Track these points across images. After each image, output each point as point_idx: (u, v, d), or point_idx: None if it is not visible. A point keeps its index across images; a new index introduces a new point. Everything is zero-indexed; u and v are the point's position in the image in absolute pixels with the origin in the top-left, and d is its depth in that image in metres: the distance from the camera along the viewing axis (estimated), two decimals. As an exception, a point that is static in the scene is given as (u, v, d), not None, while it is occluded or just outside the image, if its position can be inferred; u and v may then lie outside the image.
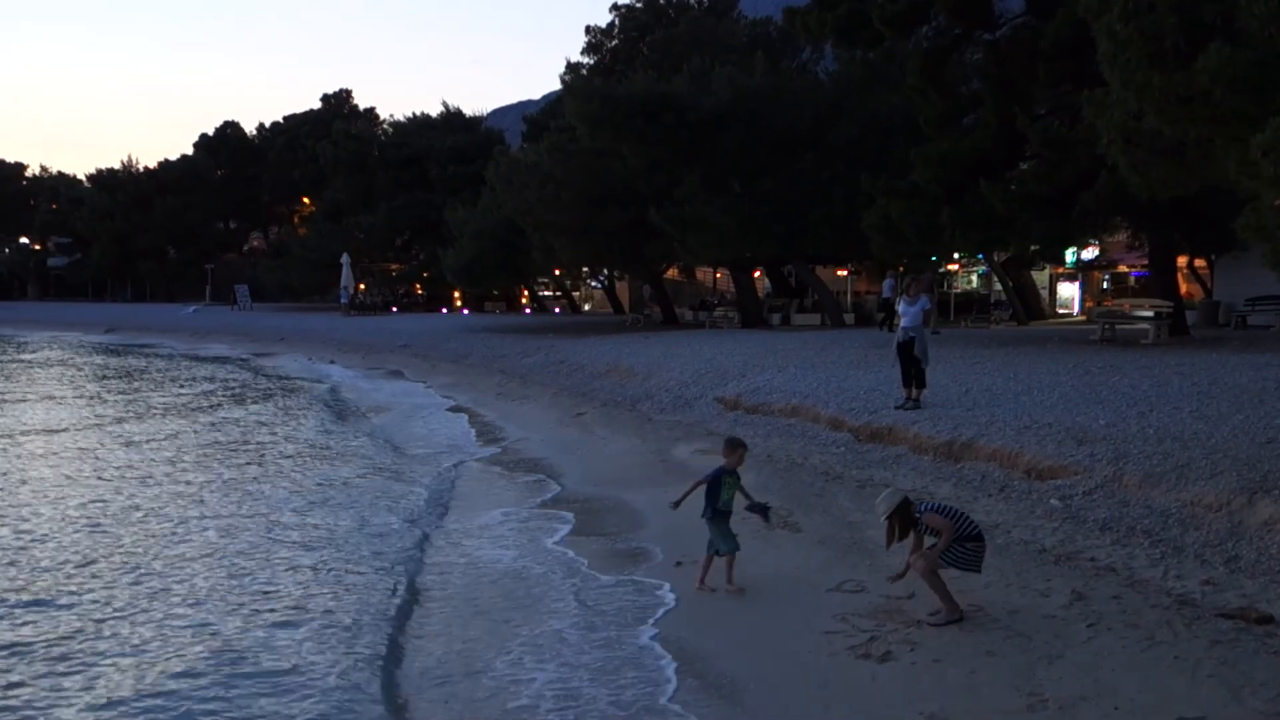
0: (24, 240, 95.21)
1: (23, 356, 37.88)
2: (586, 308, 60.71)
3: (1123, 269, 40.82)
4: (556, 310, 58.14)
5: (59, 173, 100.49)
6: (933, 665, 6.54)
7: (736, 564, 8.38)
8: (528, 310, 58.82)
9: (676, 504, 8.52)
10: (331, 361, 34.64)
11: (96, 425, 19.18)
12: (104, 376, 30.15)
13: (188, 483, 13.43)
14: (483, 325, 42.42)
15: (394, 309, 60.21)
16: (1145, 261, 31.79)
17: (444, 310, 59.09)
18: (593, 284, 57.04)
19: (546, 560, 9.65)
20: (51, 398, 23.95)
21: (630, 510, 11.56)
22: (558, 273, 50.12)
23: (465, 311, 57.78)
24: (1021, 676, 6.29)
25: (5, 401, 22.90)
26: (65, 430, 18.52)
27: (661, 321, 41.15)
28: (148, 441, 17.11)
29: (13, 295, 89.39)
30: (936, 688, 6.25)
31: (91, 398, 24.12)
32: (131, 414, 20.96)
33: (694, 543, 9.84)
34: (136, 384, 27.64)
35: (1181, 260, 30.53)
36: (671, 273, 48.51)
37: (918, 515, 7.24)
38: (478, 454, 15.93)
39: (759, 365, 20.58)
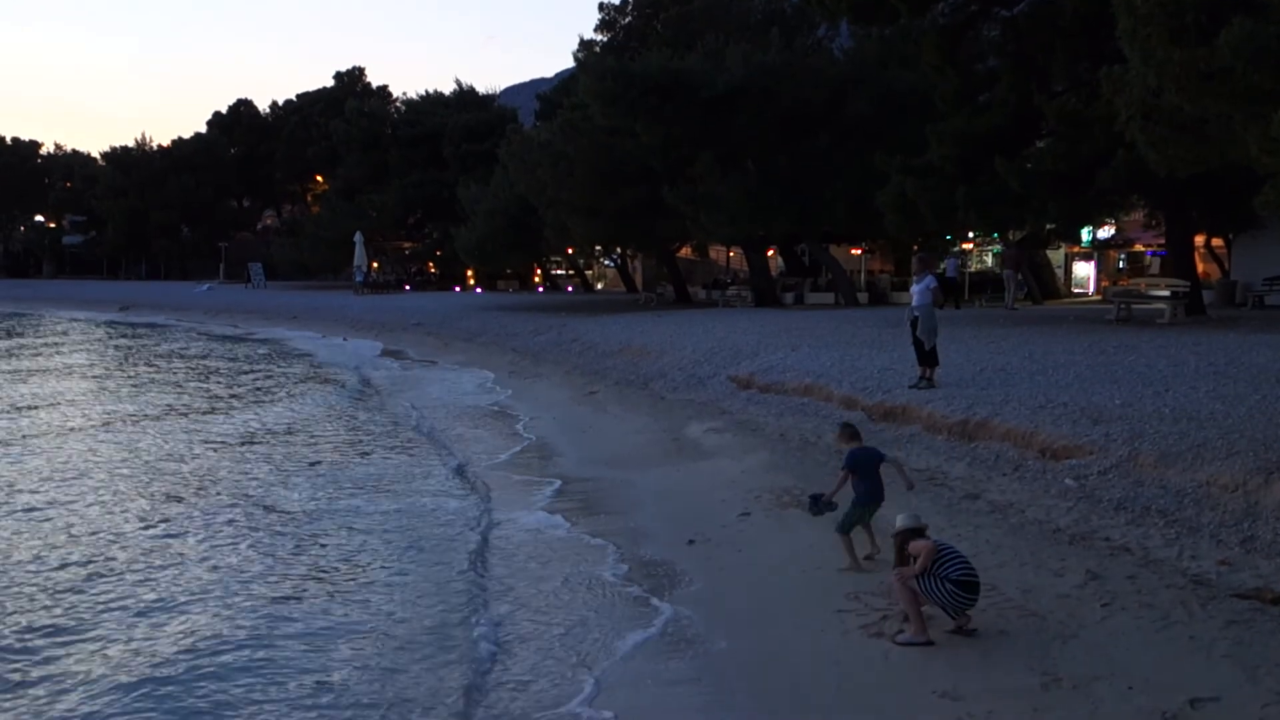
0: (39, 218, 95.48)
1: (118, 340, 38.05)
2: (599, 286, 60.57)
3: (1139, 248, 40.49)
4: (569, 289, 58.01)
5: (73, 150, 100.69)
6: (946, 643, 6.52)
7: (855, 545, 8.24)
8: (540, 289, 58.75)
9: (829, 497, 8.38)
10: (345, 339, 34.79)
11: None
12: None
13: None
14: (495, 304, 42.42)
15: (407, 287, 60.22)
16: (1162, 241, 31.54)
17: (457, 289, 59.05)
18: (606, 262, 56.90)
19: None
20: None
21: (639, 488, 11.57)
22: (570, 251, 49.99)
23: (478, 290, 57.73)
24: (1035, 655, 6.27)
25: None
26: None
27: (674, 300, 41.06)
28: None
29: (29, 273, 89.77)
30: (950, 666, 6.23)
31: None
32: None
33: (703, 521, 9.87)
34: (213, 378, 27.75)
35: (1199, 239, 30.27)
36: (685, 251, 48.31)
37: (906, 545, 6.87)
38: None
39: (772, 344, 20.52)
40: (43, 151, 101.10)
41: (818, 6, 25.84)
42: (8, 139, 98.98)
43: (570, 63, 44.05)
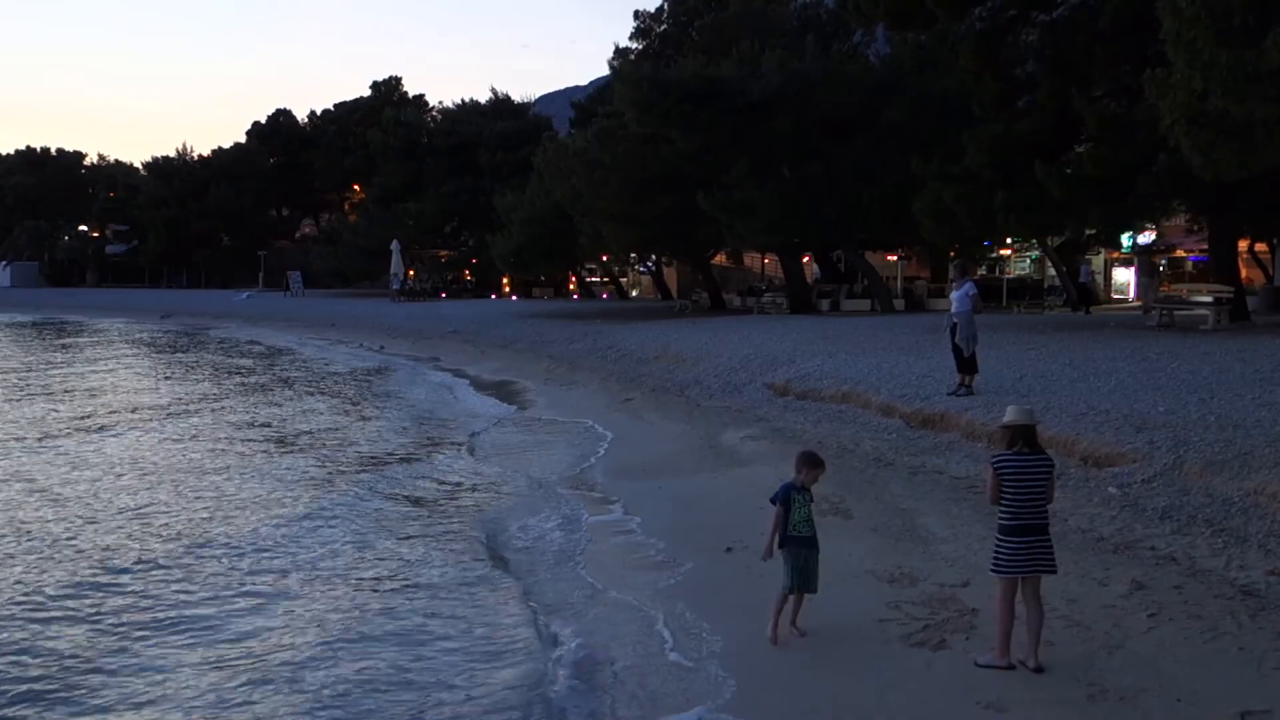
0: (83, 228, 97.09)
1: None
2: (634, 293, 60.62)
3: (1180, 254, 39.99)
4: (604, 296, 58.10)
5: (116, 161, 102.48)
6: (989, 654, 6.43)
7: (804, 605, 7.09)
8: (575, 296, 58.89)
9: (766, 555, 7.10)
10: (381, 348, 35.04)
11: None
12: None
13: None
14: (531, 311, 42.56)
15: (443, 295, 60.58)
16: (1204, 246, 31.12)
17: (493, 296, 59.34)
18: (640, 269, 56.97)
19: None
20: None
21: (673, 495, 11.55)
22: (605, 258, 50.09)
23: (514, 297, 57.96)
24: (1080, 666, 6.18)
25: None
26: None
27: (709, 307, 41.01)
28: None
29: (72, 282, 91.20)
30: (993, 676, 6.15)
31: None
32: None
33: (741, 529, 9.81)
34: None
35: (1242, 244, 29.83)
36: (720, 258, 48.25)
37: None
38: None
39: (809, 351, 20.43)
40: (86, 162, 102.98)
41: (854, 12, 25.76)
42: (53, 150, 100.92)
43: (605, 70, 44.30)
